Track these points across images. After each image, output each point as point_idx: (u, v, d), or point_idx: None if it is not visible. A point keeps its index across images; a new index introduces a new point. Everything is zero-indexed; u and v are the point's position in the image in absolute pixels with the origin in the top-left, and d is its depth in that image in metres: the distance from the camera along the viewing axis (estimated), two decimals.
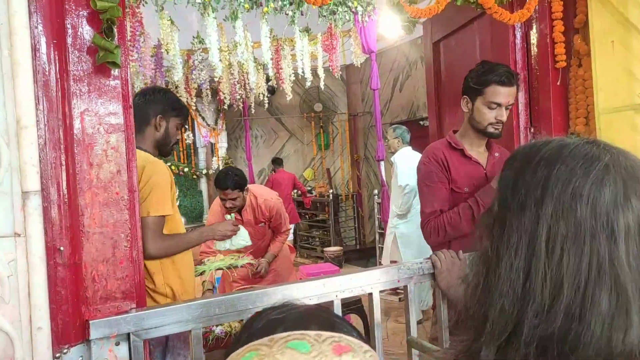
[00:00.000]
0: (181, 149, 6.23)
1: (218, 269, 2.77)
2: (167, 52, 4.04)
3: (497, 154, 1.84)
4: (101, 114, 1.23)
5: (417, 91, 5.70)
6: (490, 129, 1.75)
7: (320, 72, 5.13)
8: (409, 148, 4.07)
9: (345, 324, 0.54)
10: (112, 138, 1.25)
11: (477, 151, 1.84)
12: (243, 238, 2.39)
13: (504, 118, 1.74)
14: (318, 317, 0.53)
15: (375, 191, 5.15)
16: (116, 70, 1.24)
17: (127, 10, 3.54)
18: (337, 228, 6.41)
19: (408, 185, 3.82)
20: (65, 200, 1.15)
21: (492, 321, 0.55)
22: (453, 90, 2.78)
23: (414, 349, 1.57)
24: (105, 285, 1.21)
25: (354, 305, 2.96)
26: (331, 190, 6.35)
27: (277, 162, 6.25)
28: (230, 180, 2.77)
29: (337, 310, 1.48)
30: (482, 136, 1.80)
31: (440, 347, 1.58)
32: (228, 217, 2.45)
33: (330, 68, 5.08)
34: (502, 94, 1.71)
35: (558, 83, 2.10)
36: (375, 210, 5.07)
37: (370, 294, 1.55)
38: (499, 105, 1.71)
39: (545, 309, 0.52)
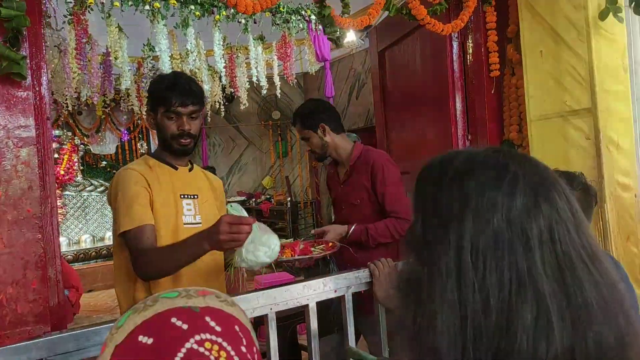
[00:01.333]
0: (135, 159, 6.06)
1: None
2: (116, 59, 3.92)
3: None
4: (9, 127, 1.17)
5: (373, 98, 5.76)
6: None
7: (277, 80, 5.11)
8: None
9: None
10: (22, 152, 1.19)
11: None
12: (267, 244, 1.26)
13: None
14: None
15: None
16: (27, 81, 1.19)
17: (69, 17, 3.42)
18: (296, 236, 6.38)
19: None
20: None
21: (444, 352, 0.53)
22: (398, 97, 2.82)
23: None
24: (14, 309, 1.15)
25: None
26: (289, 198, 6.32)
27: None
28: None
29: (272, 323, 1.45)
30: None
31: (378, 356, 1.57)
32: (230, 207, 1.38)
33: (285, 76, 5.07)
34: None
35: (492, 91, 2.16)
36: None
37: (307, 306, 1.53)
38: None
39: (481, 327, 0.52)
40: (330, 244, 1.85)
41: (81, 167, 6.14)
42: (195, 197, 1.63)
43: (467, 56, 2.24)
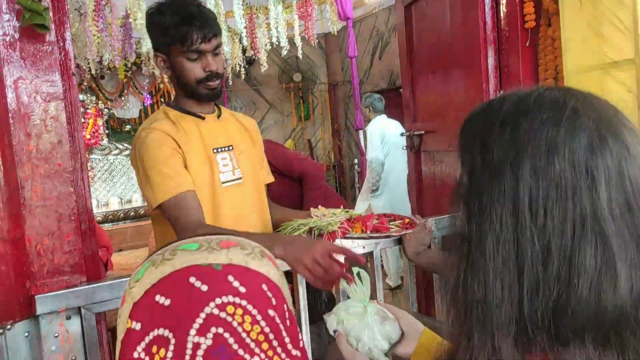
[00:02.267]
0: None
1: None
2: (135, 21, 3.89)
3: None
4: (37, 82, 1.17)
5: (397, 59, 5.62)
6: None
7: (298, 40, 5.01)
8: (383, 117, 4.02)
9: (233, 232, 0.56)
10: (50, 107, 1.19)
11: None
12: (389, 336, 0.88)
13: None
14: (208, 230, 0.55)
15: (355, 160, 5.12)
16: (51, 35, 1.17)
17: None
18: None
19: (372, 160, 3.77)
20: (1, 173, 1.10)
21: (494, 306, 0.50)
22: (425, 55, 2.72)
23: None
24: (52, 260, 1.17)
25: None
26: None
27: None
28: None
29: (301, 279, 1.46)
30: None
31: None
32: (357, 275, 0.93)
33: (307, 36, 4.96)
34: None
35: (527, 44, 2.06)
36: (356, 179, 5.05)
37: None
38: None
39: (539, 279, 0.49)
40: (407, 219, 1.50)
41: (106, 131, 6.22)
42: (230, 148, 1.39)
43: (500, 7, 2.13)
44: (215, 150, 1.36)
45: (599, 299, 0.47)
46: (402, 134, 3.00)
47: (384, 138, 3.85)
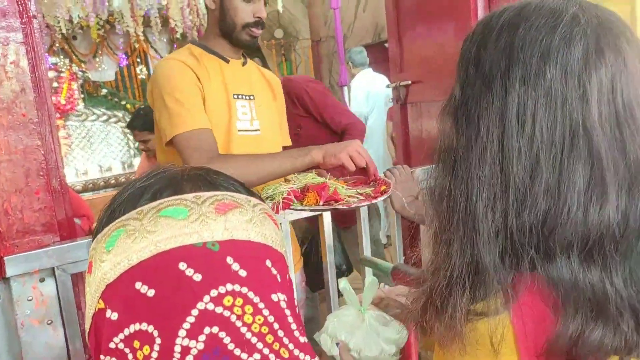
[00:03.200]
0: (135, 85, 5.88)
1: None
2: None
3: None
4: None
5: (382, 11, 5.44)
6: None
7: None
8: (369, 70, 3.91)
9: (229, 179, 0.45)
10: (9, 51, 1.08)
11: None
12: (392, 339, 0.82)
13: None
14: (194, 177, 0.44)
15: None
16: None
17: None
18: None
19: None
20: None
21: (478, 220, 0.49)
22: (412, 3, 2.61)
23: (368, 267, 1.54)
24: (21, 218, 1.09)
25: None
26: None
27: None
28: (138, 121, 2.44)
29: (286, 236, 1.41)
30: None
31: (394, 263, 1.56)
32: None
33: None
34: None
35: None
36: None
37: (320, 215, 1.48)
38: None
39: (524, 192, 0.48)
40: (383, 186, 1.25)
41: (82, 96, 5.98)
42: (252, 97, 1.33)
43: None
44: (235, 96, 1.29)
45: (587, 214, 0.47)
46: (387, 86, 2.92)
47: (369, 93, 3.75)
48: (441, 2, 2.30)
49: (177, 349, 0.38)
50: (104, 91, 6.15)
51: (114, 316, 0.40)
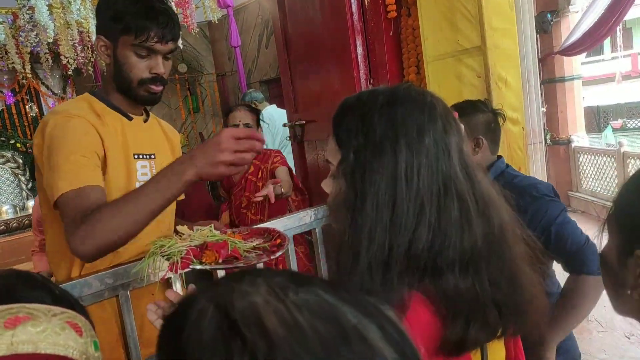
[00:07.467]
0: (26, 123, 5.48)
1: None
2: None
3: None
4: None
5: None
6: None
7: None
8: (273, 106, 3.99)
9: (41, 287, 0.45)
10: None
11: None
12: None
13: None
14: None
15: None
16: None
17: None
18: (215, 193, 6.24)
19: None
20: None
21: (366, 253, 0.63)
22: (300, 45, 2.73)
23: None
24: None
25: None
26: None
27: None
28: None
29: None
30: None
31: None
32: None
33: (187, 25, 4.74)
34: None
35: (391, 34, 2.15)
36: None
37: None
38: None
39: (413, 229, 0.62)
40: (278, 240, 1.15)
41: None
42: (152, 156, 1.27)
43: None
44: (136, 156, 1.22)
45: (462, 239, 0.63)
46: (283, 125, 3.00)
47: (276, 128, 3.81)
48: (325, 44, 2.44)
49: None
50: None
51: None
